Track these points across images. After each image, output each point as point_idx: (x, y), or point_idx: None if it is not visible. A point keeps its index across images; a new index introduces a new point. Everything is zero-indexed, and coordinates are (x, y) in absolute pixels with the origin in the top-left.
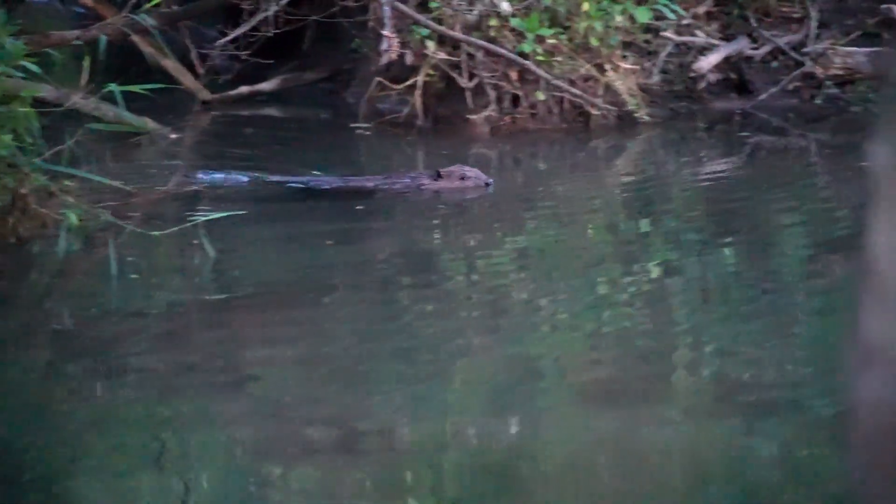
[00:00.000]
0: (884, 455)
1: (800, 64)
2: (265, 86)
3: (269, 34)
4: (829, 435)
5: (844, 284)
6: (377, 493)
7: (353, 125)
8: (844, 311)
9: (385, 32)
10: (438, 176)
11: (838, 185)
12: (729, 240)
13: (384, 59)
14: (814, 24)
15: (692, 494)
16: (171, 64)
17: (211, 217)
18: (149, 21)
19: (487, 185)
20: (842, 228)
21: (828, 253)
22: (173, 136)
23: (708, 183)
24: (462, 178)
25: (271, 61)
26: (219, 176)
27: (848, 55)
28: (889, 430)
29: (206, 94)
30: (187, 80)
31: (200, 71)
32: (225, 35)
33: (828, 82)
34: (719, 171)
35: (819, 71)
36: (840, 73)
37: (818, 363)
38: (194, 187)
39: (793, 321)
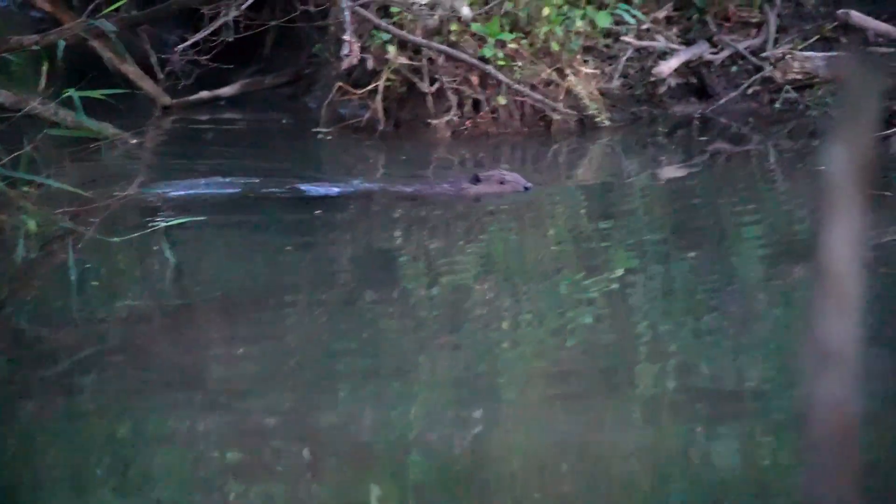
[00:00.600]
0: (838, 455)
1: (759, 68)
2: (226, 90)
3: (230, 39)
4: (788, 436)
5: (803, 288)
6: (341, 501)
7: (314, 130)
8: (803, 314)
9: (346, 37)
10: (477, 180)
11: (797, 190)
12: (689, 244)
13: (345, 64)
14: (772, 28)
15: (653, 496)
16: (130, 69)
17: (171, 223)
18: (108, 26)
19: (526, 189)
20: (800, 232)
21: (787, 257)
22: (133, 141)
23: (668, 188)
24: (501, 183)
25: (232, 66)
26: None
27: (806, 59)
28: (844, 431)
29: (166, 99)
30: (147, 84)
31: (160, 76)
32: (185, 40)
33: (787, 86)
34: (679, 176)
35: (778, 75)
36: (799, 77)
37: (778, 366)
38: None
39: (753, 324)
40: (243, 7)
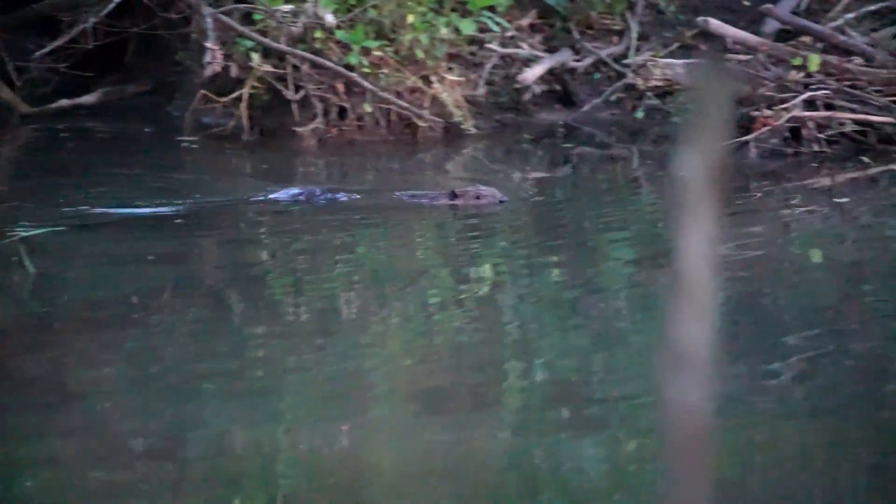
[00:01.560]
0: (690, 457)
1: (621, 75)
2: (86, 99)
3: (89, 46)
4: (651, 439)
5: (661, 292)
6: None
7: (178, 138)
8: (661, 318)
9: (208, 44)
10: (455, 196)
11: (657, 196)
12: (553, 251)
13: (208, 72)
14: (634, 36)
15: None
16: None
17: (30, 233)
18: None
19: (502, 202)
20: (661, 237)
21: (649, 261)
22: None
23: (533, 195)
24: (477, 198)
25: (93, 74)
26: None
27: (667, 67)
28: (696, 433)
29: (24, 108)
30: (4, 92)
31: (18, 83)
32: (43, 47)
33: (648, 93)
34: (544, 183)
35: (640, 82)
36: (660, 84)
37: (638, 369)
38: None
39: (616, 329)
40: (102, 14)
